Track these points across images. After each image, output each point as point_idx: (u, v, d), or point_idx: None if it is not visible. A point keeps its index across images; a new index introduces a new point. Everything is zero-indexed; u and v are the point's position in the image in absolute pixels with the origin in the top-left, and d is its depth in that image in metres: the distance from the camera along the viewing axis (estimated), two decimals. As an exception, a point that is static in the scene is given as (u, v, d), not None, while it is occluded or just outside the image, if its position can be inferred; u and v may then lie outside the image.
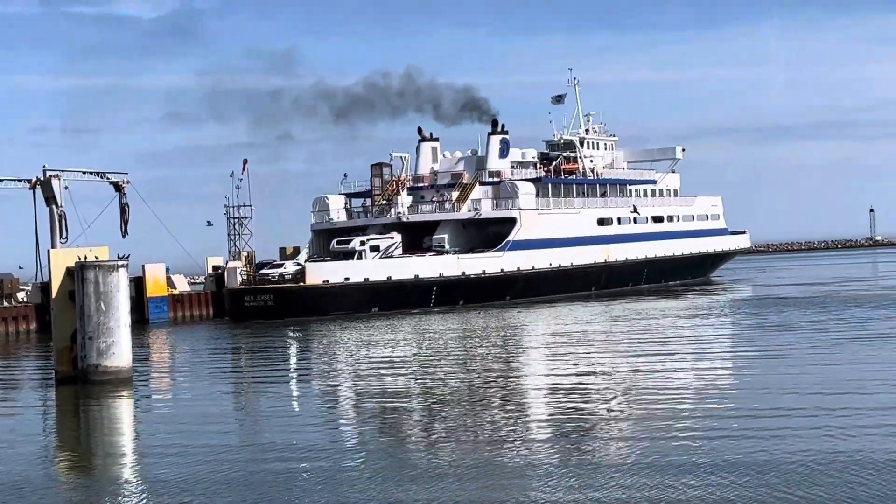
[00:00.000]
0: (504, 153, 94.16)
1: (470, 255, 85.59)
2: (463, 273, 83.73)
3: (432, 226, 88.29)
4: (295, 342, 61.43)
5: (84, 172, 48.94)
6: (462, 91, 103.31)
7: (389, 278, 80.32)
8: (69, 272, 42.40)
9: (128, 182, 49.23)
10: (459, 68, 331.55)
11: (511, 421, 29.30)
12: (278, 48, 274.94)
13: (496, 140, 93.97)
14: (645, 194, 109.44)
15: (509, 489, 20.99)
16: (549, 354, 47.13)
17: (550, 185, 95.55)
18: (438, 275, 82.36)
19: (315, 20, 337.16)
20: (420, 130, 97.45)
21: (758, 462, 22.14)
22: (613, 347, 47.82)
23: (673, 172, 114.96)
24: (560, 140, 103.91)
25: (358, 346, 54.74)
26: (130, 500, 21.93)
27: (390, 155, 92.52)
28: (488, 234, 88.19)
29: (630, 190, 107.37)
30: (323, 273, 78.89)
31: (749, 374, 36.79)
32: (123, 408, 37.35)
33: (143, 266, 79.93)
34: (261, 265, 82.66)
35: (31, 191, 57.59)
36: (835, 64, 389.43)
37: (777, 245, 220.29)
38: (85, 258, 42.24)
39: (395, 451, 25.62)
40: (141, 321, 74.38)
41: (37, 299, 72.22)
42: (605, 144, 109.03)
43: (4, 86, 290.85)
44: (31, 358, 58.15)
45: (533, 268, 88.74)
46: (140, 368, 45.70)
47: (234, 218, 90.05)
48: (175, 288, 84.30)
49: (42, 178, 47.11)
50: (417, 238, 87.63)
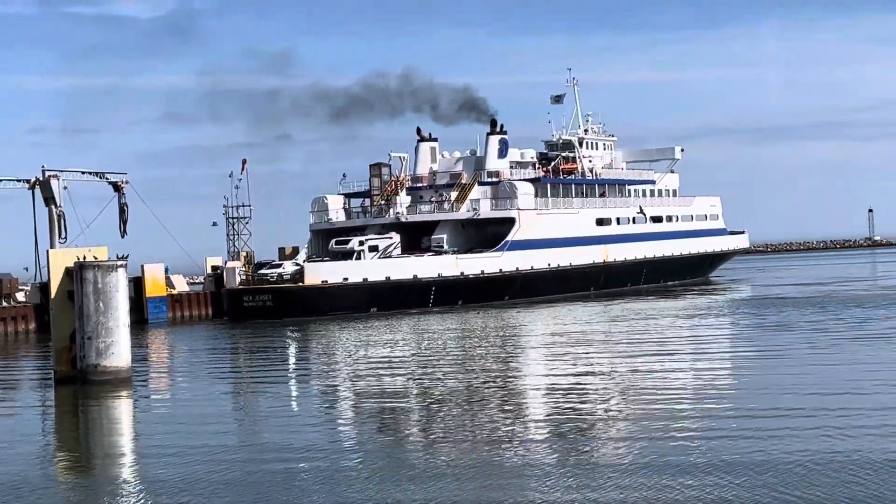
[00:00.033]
0: (503, 153, 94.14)
1: (469, 256, 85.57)
2: (462, 273, 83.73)
3: (431, 226, 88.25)
4: (293, 342, 61.44)
5: (83, 172, 48.96)
6: (460, 91, 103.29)
7: (388, 278, 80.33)
8: (68, 272, 42.41)
9: (127, 182, 49.24)
10: (459, 68, 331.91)
11: (509, 421, 29.33)
12: (276, 48, 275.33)
13: (495, 140, 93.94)
14: (644, 194, 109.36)
15: (507, 489, 21.02)
16: (548, 354, 47.16)
17: (549, 186, 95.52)
18: (437, 275, 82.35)
19: (315, 20, 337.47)
20: (419, 130, 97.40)
21: (756, 462, 22.17)
22: (612, 347, 47.82)
23: (672, 172, 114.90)
24: (559, 140, 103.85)
25: (356, 347, 54.75)
26: (129, 501, 21.96)
27: (389, 155, 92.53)
28: (487, 235, 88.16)
29: (629, 190, 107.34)
30: (321, 273, 78.89)
31: (748, 375, 36.83)
32: (122, 408, 37.38)
33: (142, 266, 79.86)
34: (259, 265, 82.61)
35: (31, 191, 57.57)
36: (833, 64, 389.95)
37: (776, 245, 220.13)
38: (84, 258, 42.25)
39: (394, 451, 25.65)
40: (140, 321, 74.35)
41: (36, 299, 72.20)
42: (604, 144, 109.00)
43: (3, 86, 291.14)
44: (30, 358, 58.15)
45: (532, 268, 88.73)
46: (139, 368, 45.69)
47: (234, 218, 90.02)
48: (174, 288, 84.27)
49: (41, 178, 47.13)
50: (416, 238, 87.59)
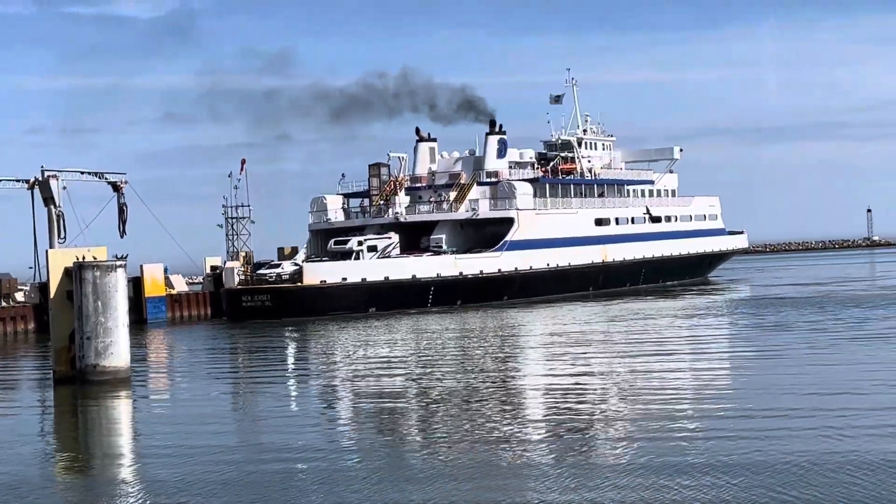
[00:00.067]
0: (502, 153, 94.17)
1: (467, 256, 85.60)
2: (460, 273, 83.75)
3: (430, 226, 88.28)
4: (292, 342, 61.46)
5: (82, 172, 48.99)
6: (458, 91, 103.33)
7: (387, 278, 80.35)
8: (67, 272, 42.42)
9: (126, 182, 49.29)
10: (459, 68, 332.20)
11: (508, 421, 29.35)
12: (276, 48, 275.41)
13: (494, 140, 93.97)
14: (643, 194, 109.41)
15: (506, 489, 21.05)
16: (547, 355, 47.19)
17: (548, 186, 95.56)
18: (436, 275, 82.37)
19: (315, 20, 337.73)
20: (418, 131, 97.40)
21: (753, 462, 22.20)
22: (611, 348, 47.82)
23: (671, 172, 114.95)
24: (558, 140, 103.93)
25: (355, 347, 54.77)
26: (128, 501, 21.98)
27: (388, 155, 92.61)
28: (486, 235, 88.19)
29: (628, 190, 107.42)
30: (320, 273, 78.90)
31: (746, 375, 36.85)
32: (121, 408, 37.40)
33: (142, 266, 79.89)
34: (258, 265, 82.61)
35: (30, 191, 57.62)
36: (832, 64, 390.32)
37: (775, 245, 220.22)
38: (83, 258, 42.27)
39: (392, 452, 25.67)
40: (139, 321, 74.34)
41: (35, 299, 72.24)
42: (603, 145, 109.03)
43: (3, 86, 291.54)
44: (30, 358, 58.15)
45: (530, 268, 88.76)
46: (138, 368, 45.69)
47: (233, 218, 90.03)
48: (173, 288, 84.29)
49: (40, 179, 47.15)
50: (415, 238, 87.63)
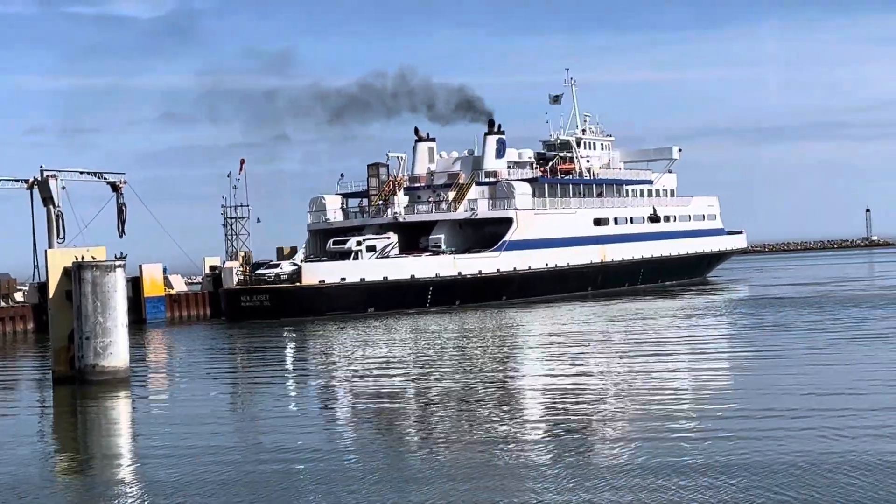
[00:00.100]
0: (500, 153, 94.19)
1: (466, 256, 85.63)
2: (459, 273, 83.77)
3: (429, 226, 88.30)
4: (291, 342, 61.48)
5: (81, 172, 49.06)
6: (456, 91, 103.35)
7: (386, 278, 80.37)
8: (66, 272, 42.43)
9: (125, 182, 49.39)
10: (459, 68, 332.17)
11: (506, 422, 29.38)
12: (276, 48, 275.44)
13: (492, 140, 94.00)
14: (641, 194, 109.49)
15: (504, 490, 21.08)
16: (545, 355, 47.20)
17: (547, 186, 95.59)
18: (435, 275, 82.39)
19: (315, 20, 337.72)
20: (417, 131, 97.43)
21: (751, 463, 22.23)
22: (609, 348, 47.85)
23: (670, 172, 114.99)
24: (557, 140, 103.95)
25: (354, 347, 54.80)
26: (127, 501, 22.00)
27: (387, 155, 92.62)
28: (485, 235, 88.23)
29: (626, 190, 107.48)
30: (319, 273, 78.92)
31: (745, 375, 36.89)
32: (120, 408, 37.42)
33: (141, 266, 79.90)
34: (257, 265, 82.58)
35: (29, 191, 57.69)
36: (833, 64, 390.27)
37: (774, 245, 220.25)
38: (82, 258, 42.29)
39: (391, 452, 25.69)
40: (138, 321, 74.33)
41: (34, 299, 72.25)
42: (602, 144, 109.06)
43: (3, 86, 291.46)
44: (29, 358, 58.14)
45: (529, 268, 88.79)
46: (137, 368, 45.71)
47: (232, 218, 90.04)
48: (172, 288, 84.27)
49: (39, 178, 47.21)
50: (414, 238, 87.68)
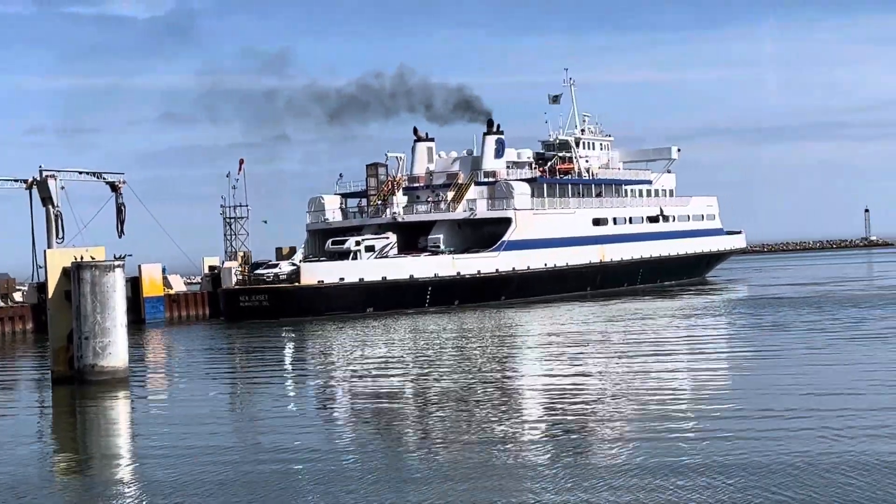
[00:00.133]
0: (499, 153, 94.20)
1: (465, 256, 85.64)
2: (458, 273, 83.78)
3: (428, 226, 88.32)
4: (290, 342, 61.48)
5: (80, 172, 49.14)
6: (454, 91, 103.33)
7: (385, 278, 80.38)
8: (65, 272, 42.43)
9: (124, 182, 49.49)
10: (459, 68, 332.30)
11: (504, 422, 29.40)
12: (275, 48, 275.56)
13: (491, 140, 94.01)
14: (640, 194, 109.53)
15: (502, 490, 21.10)
16: (544, 355, 47.22)
17: (546, 186, 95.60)
18: (434, 275, 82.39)
19: (314, 20, 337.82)
20: (416, 130, 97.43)
21: (750, 463, 22.26)
22: (608, 348, 47.86)
23: (669, 172, 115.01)
24: (556, 140, 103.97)
25: (353, 347, 54.81)
26: (126, 501, 22.01)
27: (386, 155, 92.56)
28: (484, 235, 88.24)
29: (625, 190, 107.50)
30: (318, 273, 78.92)
31: (743, 375, 36.91)
32: (119, 408, 37.42)
33: (140, 266, 79.84)
34: (256, 265, 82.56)
35: (28, 191, 57.66)
36: (832, 64, 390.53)
37: (773, 245, 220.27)
38: (81, 258, 42.29)
39: (389, 452, 25.71)
40: (137, 321, 74.35)
41: (33, 299, 72.22)
42: (601, 144, 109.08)
43: (2, 86, 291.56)
44: (28, 358, 58.13)
45: (528, 268, 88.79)
46: (136, 368, 45.71)
47: (231, 218, 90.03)
48: (171, 288, 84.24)
49: (38, 179, 47.28)
50: (413, 238, 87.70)
